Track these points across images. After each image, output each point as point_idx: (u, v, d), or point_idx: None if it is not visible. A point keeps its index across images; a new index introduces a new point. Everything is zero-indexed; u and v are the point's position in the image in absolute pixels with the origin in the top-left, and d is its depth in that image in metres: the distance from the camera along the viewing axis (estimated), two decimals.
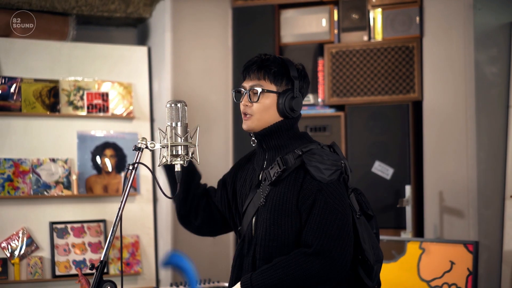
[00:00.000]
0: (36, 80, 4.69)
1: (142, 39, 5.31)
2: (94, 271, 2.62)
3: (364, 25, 4.79)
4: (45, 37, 4.76)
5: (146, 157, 4.78)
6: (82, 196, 4.76)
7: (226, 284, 4.22)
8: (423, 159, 4.56)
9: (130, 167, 2.67)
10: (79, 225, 4.71)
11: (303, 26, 4.96)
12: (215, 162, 4.99)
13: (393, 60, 4.66)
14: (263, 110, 2.67)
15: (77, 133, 4.79)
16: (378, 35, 4.75)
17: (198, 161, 2.74)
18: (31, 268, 4.51)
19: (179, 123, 2.69)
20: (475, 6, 4.27)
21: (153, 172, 2.74)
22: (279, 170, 2.61)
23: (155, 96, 5.07)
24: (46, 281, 4.56)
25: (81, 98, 4.81)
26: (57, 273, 4.57)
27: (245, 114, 2.71)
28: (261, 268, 2.57)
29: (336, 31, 4.86)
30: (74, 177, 4.73)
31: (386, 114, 4.66)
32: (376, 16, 4.76)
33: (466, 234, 4.27)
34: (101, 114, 4.84)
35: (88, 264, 4.63)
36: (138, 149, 2.70)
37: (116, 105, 4.90)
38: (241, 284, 2.55)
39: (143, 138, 2.70)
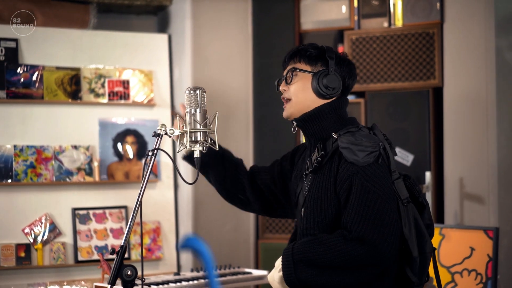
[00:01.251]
0: (58, 68, 4.73)
1: (162, 26, 5.33)
2: (114, 256, 2.64)
3: (384, 11, 4.77)
4: (66, 25, 4.80)
5: (166, 144, 4.81)
6: (103, 183, 4.81)
7: (247, 270, 4.25)
8: (443, 146, 4.55)
9: (150, 153, 2.71)
10: (101, 211, 4.75)
11: (323, 13, 4.95)
12: (236, 149, 4.96)
13: (413, 46, 4.65)
14: (299, 91, 2.64)
15: (98, 120, 4.83)
16: (398, 22, 4.74)
17: (217, 147, 2.77)
18: (54, 254, 4.56)
19: (198, 110, 2.72)
20: None
21: (172, 158, 2.76)
22: (317, 157, 2.55)
23: (175, 83, 5.09)
24: (69, 266, 4.61)
25: (102, 85, 4.84)
26: (80, 258, 4.63)
27: (285, 101, 2.70)
28: (305, 238, 2.53)
29: (356, 18, 4.85)
30: (95, 164, 4.77)
31: (406, 101, 4.65)
32: (396, 2, 4.74)
33: (487, 220, 4.26)
34: (122, 101, 4.88)
35: (110, 249, 4.70)
36: (157, 135, 2.73)
37: (137, 93, 4.93)
38: (283, 251, 2.52)
39: (162, 125, 2.73)
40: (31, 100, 4.64)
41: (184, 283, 3.82)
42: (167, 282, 3.79)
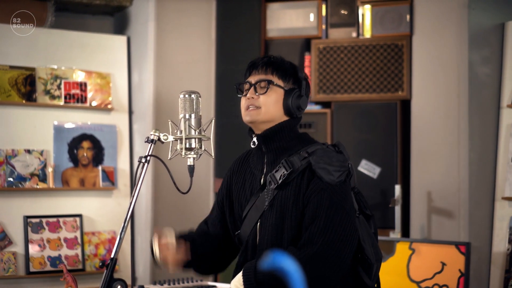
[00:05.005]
0: (12, 67, 4.49)
1: (119, 28, 5.13)
2: (104, 269, 2.47)
3: (353, 21, 4.72)
4: (23, 22, 4.54)
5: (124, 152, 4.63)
6: (58, 190, 4.57)
7: (209, 283, 4.10)
8: (410, 159, 4.52)
9: (143, 160, 2.53)
10: (54, 219, 4.52)
11: (290, 21, 4.87)
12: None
13: (381, 57, 4.60)
14: (270, 104, 2.60)
15: (53, 123, 4.60)
16: (367, 32, 4.69)
17: (213, 155, 2.63)
18: (4, 264, 4.30)
19: (193, 115, 2.58)
20: (469, 6, 4.24)
21: (166, 165, 2.58)
22: (285, 173, 2.52)
23: (134, 87, 4.90)
24: (20, 277, 4.36)
25: (58, 87, 4.61)
26: (31, 269, 4.38)
27: (248, 107, 2.63)
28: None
29: (324, 27, 4.78)
30: (50, 170, 4.54)
31: (373, 112, 4.61)
32: (365, 13, 4.70)
33: (456, 235, 4.24)
34: (79, 104, 4.66)
35: (64, 260, 4.46)
36: (151, 141, 2.56)
37: (94, 96, 4.72)
38: (244, 270, 2.44)
39: (156, 130, 2.56)
40: None
41: None
42: None
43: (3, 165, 4.40)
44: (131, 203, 2.51)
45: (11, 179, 4.41)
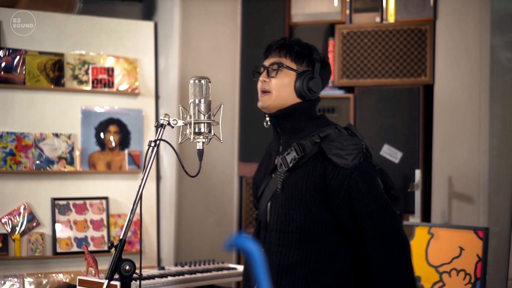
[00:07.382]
0: (41, 53, 4.59)
1: (147, 14, 5.20)
2: (112, 250, 2.56)
3: (377, 6, 4.71)
4: (51, 9, 4.65)
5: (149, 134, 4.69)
6: (85, 173, 4.68)
7: (231, 265, 4.17)
8: (432, 144, 4.51)
9: (152, 144, 2.61)
10: (81, 201, 4.63)
11: (314, 6, 4.88)
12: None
13: (405, 42, 4.59)
14: (280, 87, 2.61)
15: (81, 108, 4.70)
16: (391, 17, 4.68)
17: (221, 139, 2.69)
18: (32, 245, 4.43)
19: (202, 100, 2.65)
20: None
21: (175, 149, 2.65)
22: (296, 157, 2.53)
23: (160, 72, 4.98)
24: (47, 258, 4.48)
25: (86, 72, 4.71)
26: (58, 250, 4.50)
27: (263, 92, 2.67)
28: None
29: (348, 12, 4.78)
30: (77, 153, 4.64)
31: (396, 97, 4.60)
32: None
33: (476, 220, 4.23)
34: (106, 89, 4.75)
35: (90, 241, 4.57)
36: (160, 125, 2.62)
37: (121, 81, 4.81)
38: None
39: (166, 115, 2.63)
40: (12, 85, 4.49)
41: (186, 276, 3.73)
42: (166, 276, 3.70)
43: (32, 148, 4.52)
44: (140, 186, 2.60)
45: (39, 162, 4.53)
